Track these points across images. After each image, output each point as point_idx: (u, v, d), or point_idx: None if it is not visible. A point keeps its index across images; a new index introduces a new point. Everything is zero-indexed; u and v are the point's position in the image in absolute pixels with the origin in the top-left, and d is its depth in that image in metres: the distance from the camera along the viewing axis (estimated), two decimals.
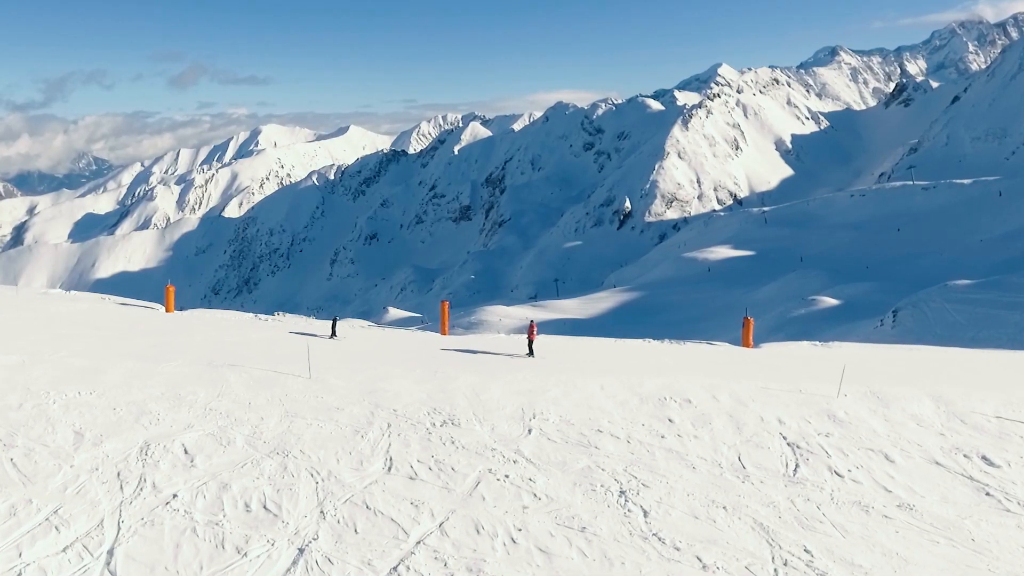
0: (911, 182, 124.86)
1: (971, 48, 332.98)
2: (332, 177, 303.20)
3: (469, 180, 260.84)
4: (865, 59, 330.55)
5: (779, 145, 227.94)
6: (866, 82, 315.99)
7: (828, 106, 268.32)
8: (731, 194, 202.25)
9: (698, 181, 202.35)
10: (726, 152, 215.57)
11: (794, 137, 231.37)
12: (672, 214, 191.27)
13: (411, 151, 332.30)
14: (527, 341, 24.09)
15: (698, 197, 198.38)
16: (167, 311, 32.08)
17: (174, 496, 11.16)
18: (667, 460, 13.66)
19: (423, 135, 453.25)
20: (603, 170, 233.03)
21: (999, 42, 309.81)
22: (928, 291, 56.41)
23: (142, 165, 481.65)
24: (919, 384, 19.22)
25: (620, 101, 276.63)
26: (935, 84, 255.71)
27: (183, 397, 16.11)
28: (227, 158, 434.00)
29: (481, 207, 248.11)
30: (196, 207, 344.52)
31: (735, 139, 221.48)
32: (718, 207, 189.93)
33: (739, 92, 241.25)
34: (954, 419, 16.47)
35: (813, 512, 11.70)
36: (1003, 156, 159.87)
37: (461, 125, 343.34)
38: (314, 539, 10.11)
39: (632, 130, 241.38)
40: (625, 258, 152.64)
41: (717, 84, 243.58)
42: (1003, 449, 14.74)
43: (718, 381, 19.17)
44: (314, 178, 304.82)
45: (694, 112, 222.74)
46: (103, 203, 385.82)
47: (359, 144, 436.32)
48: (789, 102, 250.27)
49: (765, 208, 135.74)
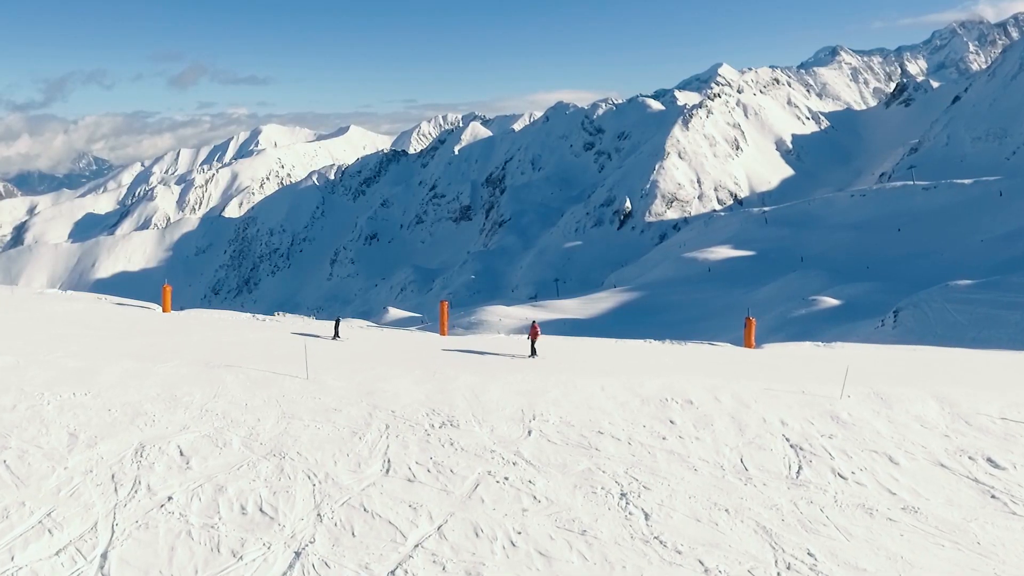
0: (912, 182, 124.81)
1: (972, 48, 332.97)
2: (332, 177, 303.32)
3: (469, 180, 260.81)
4: (865, 59, 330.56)
5: (779, 145, 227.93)
6: (866, 82, 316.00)
7: (828, 106, 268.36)
8: (731, 194, 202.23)
9: (698, 181, 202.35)
10: (726, 152, 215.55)
11: (794, 137, 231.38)
12: (672, 214, 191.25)
13: (411, 151, 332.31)
14: (529, 341, 23.92)
15: (698, 197, 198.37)
16: (164, 311, 31.93)
17: (169, 499, 11.02)
18: (668, 462, 13.52)
19: (423, 135, 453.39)
20: (603, 170, 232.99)
21: (999, 42, 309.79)
22: (929, 291, 56.38)
23: (142, 165, 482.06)
24: (922, 385, 19.06)
25: (620, 101, 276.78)
26: (935, 84, 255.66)
27: (179, 398, 15.94)
28: (227, 158, 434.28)
29: (481, 207, 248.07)
30: (196, 207, 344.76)
31: (735, 139, 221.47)
32: (718, 207, 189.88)
33: (739, 92, 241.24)
34: (958, 420, 16.33)
35: (816, 515, 11.57)
36: (1004, 156, 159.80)
37: (461, 125, 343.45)
38: (311, 542, 9.98)
39: (632, 130, 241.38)
40: (625, 258, 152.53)
41: (717, 84, 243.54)
42: (1008, 451, 14.60)
43: (720, 382, 19.00)
44: (314, 178, 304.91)
45: (694, 112, 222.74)
46: (103, 203, 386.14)
47: (359, 144, 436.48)
48: (789, 102, 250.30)
49: (765, 208, 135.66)
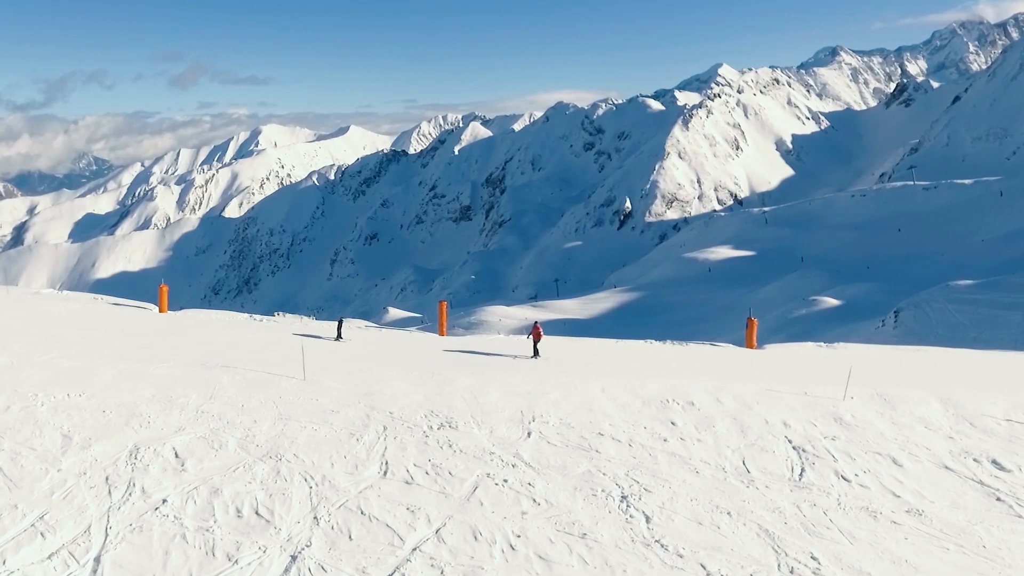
0: (912, 182, 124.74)
1: (972, 48, 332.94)
2: (332, 177, 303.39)
3: (469, 180, 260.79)
4: (865, 59, 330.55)
5: (780, 145, 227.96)
6: (867, 82, 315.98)
7: (829, 106, 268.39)
8: (731, 194, 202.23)
9: (698, 181, 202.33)
10: (726, 152, 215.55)
11: (795, 137, 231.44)
12: (672, 214, 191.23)
13: (411, 151, 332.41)
14: (532, 342, 23.75)
15: (698, 197, 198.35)
16: (160, 311, 31.78)
17: (164, 501, 10.86)
18: (670, 464, 13.36)
19: (423, 135, 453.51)
20: (603, 170, 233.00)
21: (1000, 42, 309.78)
22: (929, 291, 56.32)
23: (142, 165, 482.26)
24: (926, 386, 18.89)
25: (620, 101, 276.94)
26: (936, 84, 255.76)
27: (174, 399, 15.76)
28: (227, 158, 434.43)
29: (481, 207, 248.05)
30: (196, 207, 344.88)
31: (735, 139, 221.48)
32: (718, 207, 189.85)
33: (739, 92, 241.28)
34: (963, 422, 16.16)
35: (820, 518, 11.42)
36: (1004, 156, 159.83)
37: (461, 125, 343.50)
38: (307, 546, 9.82)
39: (632, 130, 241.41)
40: (625, 258, 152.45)
41: (717, 84, 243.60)
42: (1014, 453, 14.44)
43: (721, 383, 18.82)
44: (314, 178, 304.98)
45: (694, 112, 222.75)
46: (103, 203, 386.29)
47: (359, 144, 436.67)
48: (790, 102, 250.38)
49: (766, 208, 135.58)
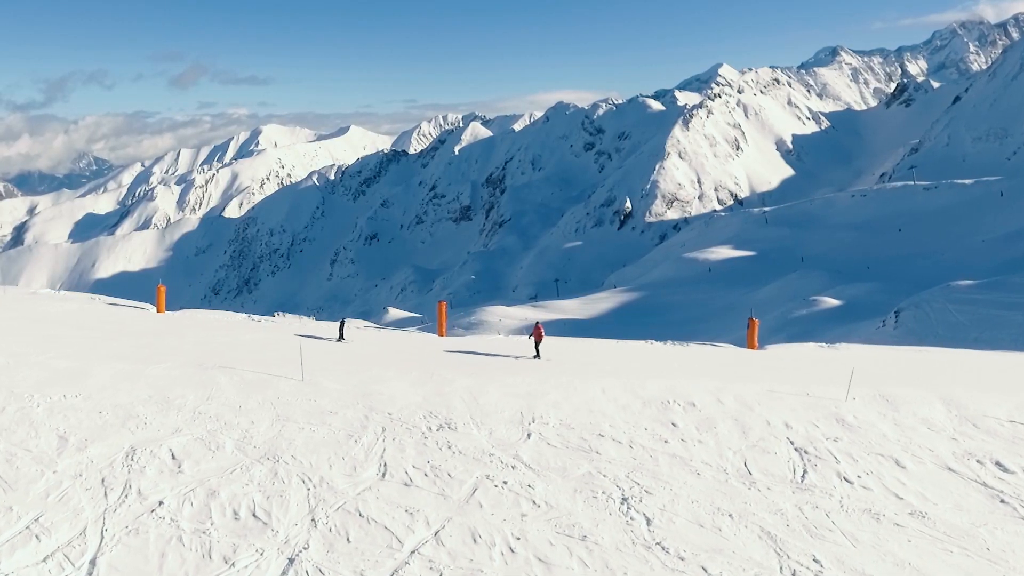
0: (912, 182, 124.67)
1: (972, 48, 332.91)
2: (332, 177, 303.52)
3: (469, 180, 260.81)
4: (866, 59, 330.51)
5: (780, 145, 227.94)
6: (867, 82, 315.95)
7: (829, 106, 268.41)
8: (732, 194, 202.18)
9: (699, 181, 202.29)
10: (727, 152, 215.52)
11: (795, 137, 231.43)
12: (673, 214, 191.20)
13: (411, 151, 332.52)
14: (533, 343, 23.62)
15: (699, 197, 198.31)
16: (158, 311, 31.67)
17: (160, 503, 10.76)
18: (671, 466, 13.26)
19: (423, 135, 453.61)
20: (603, 170, 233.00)
21: (1000, 42, 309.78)
22: (930, 291, 56.25)
23: (142, 165, 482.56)
24: (929, 387, 18.76)
25: (620, 101, 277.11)
26: (936, 84, 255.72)
27: (171, 400, 15.65)
28: (227, 158, 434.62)
29: (481, 207, 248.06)
30: (196, 207, 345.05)
31: (736, 139, 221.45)
32: (719, 207, 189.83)
33: (740, 92, 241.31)
34: (966, 423, 16.04)
35: (822, 520, 11.32)
36: (1004, 156, 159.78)
37: (461, 125, 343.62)
38: (305, 548, 9.73)
39: (632, 130, 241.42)
40: (626, 258, 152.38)
41: (718, 84, 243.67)
42: (1017, 454, 14.31)
43: (723, 384, 18.70)
44: (314, 178, 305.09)
45: (695, 112, 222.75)
46: (103, 203, 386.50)
47: (359, 144, 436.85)
48: (790, 102, 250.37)
49: (766, 208, 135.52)
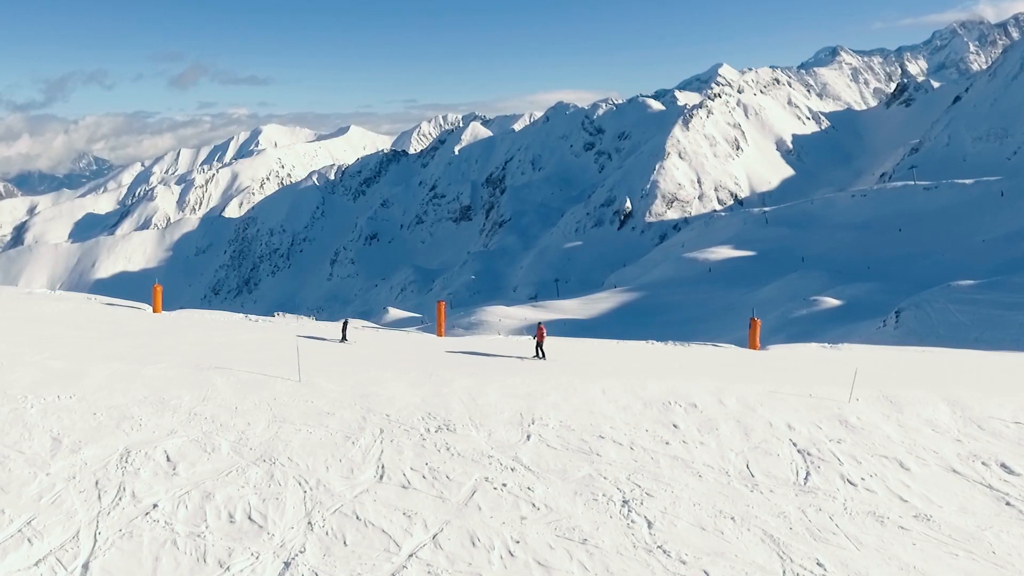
0: (912, 182, 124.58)
1: (972, 48, 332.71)
2: (332, 177, 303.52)
3: (469, 180, 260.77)
4: (866, 59, 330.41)
5: (780, 145, 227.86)
6: (867, 82, 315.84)
7: (829, 106, 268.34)
8: (732, 194, 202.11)
9: (699, 181, 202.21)
10: (727, 152, 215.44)
11: (795, 137, 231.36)
12: (673, 214, 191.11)
13: (411, 151, 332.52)
14: (535, 343, 23.49)
15: (699, 197, 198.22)
16: (155, 311, 31.52)
17: (154, 506, 10.64)
18: (672, 468, 13.12)
19: (423, 135, 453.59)
20: (603, 170, 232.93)
21: (1000, 42, 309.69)
22: (931, 291, 56.15)
23: (142, 165, 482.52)
24: (932, 387, 18.58)
25: (620, 101, 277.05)
26: (936, 84, 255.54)
27: (167, 401, 15.51)
28: (227, 158, 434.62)
29: (481, 207, 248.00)
30: (196, 207, 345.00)
31: (736, 139, 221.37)
32: (719, 207, 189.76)
33: (740, 92, 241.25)
34: (971, 424, 15.88)
35: (825, 523, 11.19)
36: (1005, 156, 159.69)
37: (461, 125, 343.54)
38: (301, 552, 9.62)
39: (633, 130, 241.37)
40: (626, 258, 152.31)
41: (718, 84, 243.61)
42: (1023, 456, 14.19)
43: (724, 384, 18.53)
44: (314, 178, 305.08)
45: (695, 112, 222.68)
46: (103, 203, 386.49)
47: (359, 144, 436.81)
48: (790, 102, 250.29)
49: (766, 208, 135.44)
